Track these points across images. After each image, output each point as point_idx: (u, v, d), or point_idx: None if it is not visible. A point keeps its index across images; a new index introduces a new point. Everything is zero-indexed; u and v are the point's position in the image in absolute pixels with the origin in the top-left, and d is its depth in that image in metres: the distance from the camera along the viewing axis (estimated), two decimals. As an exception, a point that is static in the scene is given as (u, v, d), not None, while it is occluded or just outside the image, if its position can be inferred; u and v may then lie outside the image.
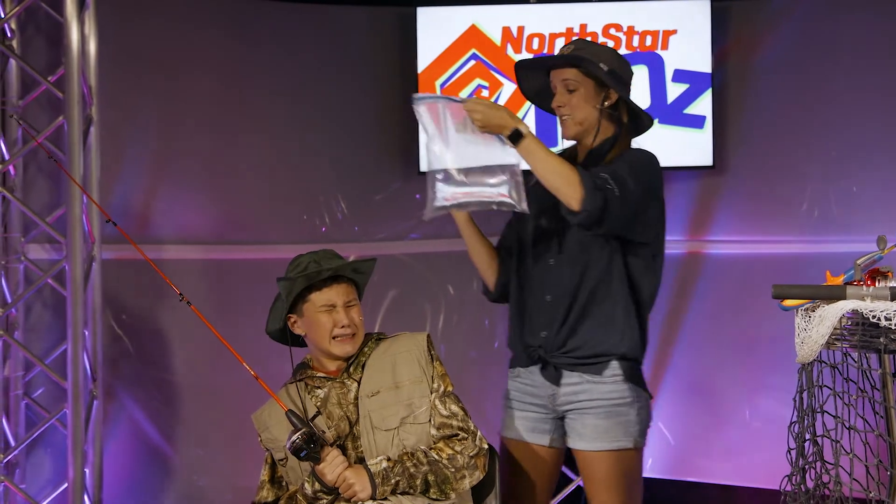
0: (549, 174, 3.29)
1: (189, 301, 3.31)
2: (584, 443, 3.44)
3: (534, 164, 3.30)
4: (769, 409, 5.41)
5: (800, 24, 5.41)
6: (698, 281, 5.67)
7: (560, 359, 3.44)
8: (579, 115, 3.46)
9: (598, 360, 3.42)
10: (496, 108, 3.30)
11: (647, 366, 5.69)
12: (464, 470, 3.23)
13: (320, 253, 3.35)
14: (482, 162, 3.34)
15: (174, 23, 5.33)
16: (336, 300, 3.30)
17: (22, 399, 4.91)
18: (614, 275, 3.44)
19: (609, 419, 3.42)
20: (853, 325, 2.96)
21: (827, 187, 5.34)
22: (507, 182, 3.35)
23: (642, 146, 3.53)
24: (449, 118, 3.32)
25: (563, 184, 3.27)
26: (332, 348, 3.30)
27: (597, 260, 3.43)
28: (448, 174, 3.31)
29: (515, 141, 3.28)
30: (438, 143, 3.32)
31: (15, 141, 4.88)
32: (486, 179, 3.34)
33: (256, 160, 5.47)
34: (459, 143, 3.32)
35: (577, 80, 3.47)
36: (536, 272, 3.51)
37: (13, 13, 4.70)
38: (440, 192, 3.32)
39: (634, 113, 3.50)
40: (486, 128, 3.29)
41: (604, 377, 3.42)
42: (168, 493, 5.32)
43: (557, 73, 3.50)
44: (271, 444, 3.34)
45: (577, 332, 3.42)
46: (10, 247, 4.89)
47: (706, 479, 5.67)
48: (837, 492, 3.02)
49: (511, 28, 5.48)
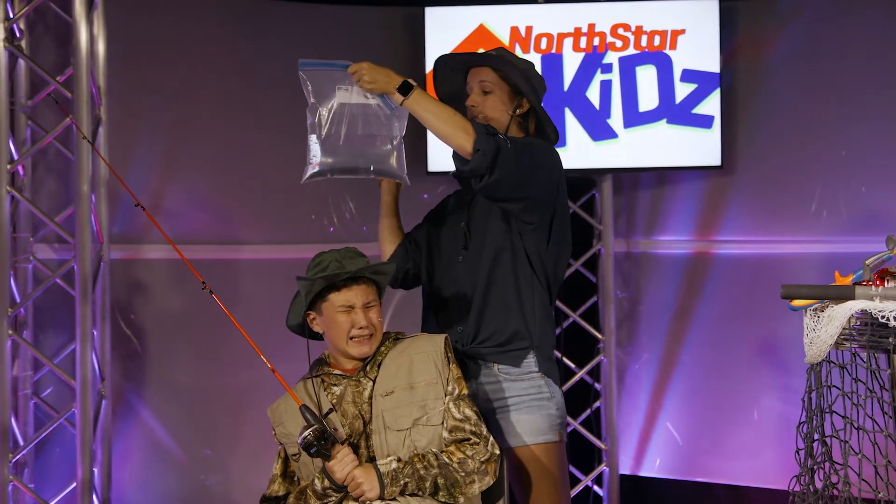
0: (440, 123, 3.34)
1: (211, 290, 3.31)
2: (512, 440, 3.49)
3: (424, 115, 3.35)
4: (778, 409, 5.40)
5: (808, 23, 5.40)
6: (706, 281, 5.66)
7: (476, 349, 3.50)
8: (491, 115, 3.51)
9: (513, 348, 3.49)
10: (380, 67, 3.37)
11: (655, 365, 5.75)
12: (474, 475, 3.22)
13: (342, 252, 3.32)
14: (365, 130, 3.38)
15: (183, 22, 5.34)
16: (355, 301, 3.28)
17: (31, 398, 4.92)
18: (518, 263, 3.51)
19: (531, 414, 3.48)
20: (862, 326, 2.96)
21: (836, 187, 5.33)
22: (390, 152, 3.41)
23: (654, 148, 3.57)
24: (335, 85, 3.36)
25: (455, 130, 3.32)
26: (350, 349, 3.30)
27: (500, 249, 3.50)
28: (328, 141, 3.35)
29: (405, 93, 3.34)
30: (322, 109, 3.35)
31: (24, 141, 4.89)
32: (368, 148, 3.40)
33: (264, 160, 5.48)
34: (343, 110, 3.36)
35: (493, 82, 3.55)
36: (447, 271, 3.59)
37: (22, 13, 4.71)
38: (316, 158, 3.36)
39: (541, 125, 3.58)
40: (374, 86, 3.35)
41: (521, 371, 3.48)
42: (176, 492, 5.32)
43: (476, 73, 3.57)
44: (285, 439, 3.33)
45: (488, 321, 3.49)
46: (18, 246, 4.90)
47: (714, 480, 5.66)
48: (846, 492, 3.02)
49: (519, 28, 5.48)
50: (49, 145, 4.91)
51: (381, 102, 3.40)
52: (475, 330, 3.52)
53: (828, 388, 3.08)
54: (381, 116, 3.39)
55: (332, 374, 3.33)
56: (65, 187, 5.03)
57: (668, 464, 5.78)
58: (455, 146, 3.33)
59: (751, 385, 5.53)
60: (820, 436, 3.13)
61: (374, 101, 3.40)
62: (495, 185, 3.36)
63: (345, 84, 3.37)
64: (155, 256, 5.21)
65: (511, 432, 3.48)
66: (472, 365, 3.52)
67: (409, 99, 3.34)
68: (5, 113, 4.66)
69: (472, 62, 3.61)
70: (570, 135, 5.47)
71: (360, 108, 3.38)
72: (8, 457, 4.65)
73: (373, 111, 3.39)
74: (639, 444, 5.83)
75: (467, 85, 3.57)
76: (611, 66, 5.46)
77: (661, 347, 5.80)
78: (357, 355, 3.30)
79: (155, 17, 5.26)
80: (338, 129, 3.37)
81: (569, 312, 5.76)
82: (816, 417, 3.12)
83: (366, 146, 3.40)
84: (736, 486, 5.59)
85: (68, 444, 4.90)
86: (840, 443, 3.04)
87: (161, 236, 5.15)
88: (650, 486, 5.83)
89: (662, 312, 5.80)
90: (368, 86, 3.34)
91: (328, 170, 3.38)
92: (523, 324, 3.51)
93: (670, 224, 5.76)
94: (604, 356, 5.76)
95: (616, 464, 5.74)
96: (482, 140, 3.30)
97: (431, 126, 3.35)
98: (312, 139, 3.37)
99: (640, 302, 5.87)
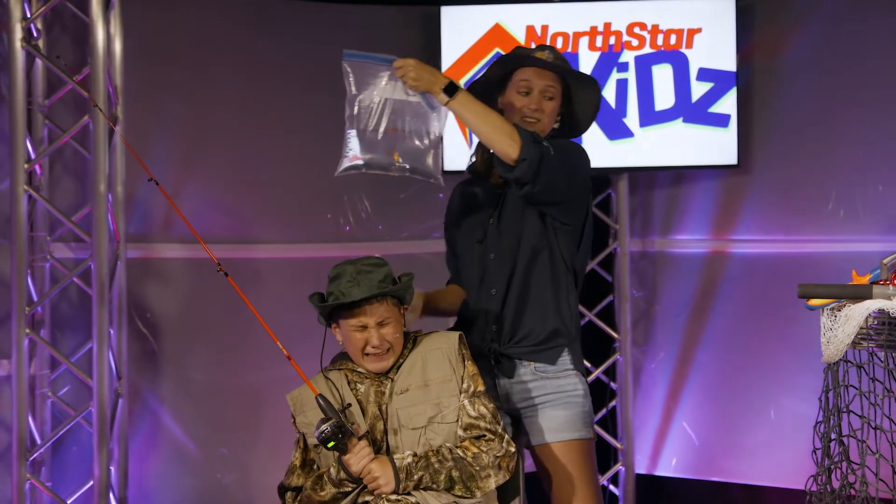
0: (486, 126, 3.29)
1: (227, 272, 3.29)
2: (549, 435, 3.48)
3: (469, 117, 3.30)
4: (794, 408, 5.38)
5: (825, 21, 5.38)
6: (723, 281, 5.65)
7: (513, 348, 3.48)
8: (546, 123, 3.49)
9: (550, 347, 3.48)
10: (426, 66, 3.32)
11: (671, 364, 5.74)
12: (489, 469, 3.22)
13: (359, 265, 3.25)
14: (404, 126, 3.33)
15: (200, 21, 5.34)
16: (367, 321, 3.24)
17: (48, 397, 4.93)
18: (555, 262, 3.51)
19: (567, 410, 3.48)
20: (879, 325, 2.95)
21: (853, 186, 5.31)
22: (428, 150, 3.35)
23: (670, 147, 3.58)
24: (378, 78, 3.32)
25: (501, 135, 3.28)
26: (365, 363, 3.29)
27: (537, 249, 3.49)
28: (366, 134, 3.30)
29: (451, 94, 3.28)
30: (362, 101, 3.30)
31: (41, 140, 4.90)
32: (406, 145, 3.34)
33: (281, 159, 5.48)
34: (384, 105, 3.31)
35: (556, 89, 3.52)
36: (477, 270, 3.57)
37: (39, 13, 4.72)
38: (353, 151, 3.31)
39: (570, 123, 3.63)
40: (419, 84, 3.29)
41: (558, 368, 3.48)
42: (193, 491, 5.33)
43: (541, 75, 3.52)
44: (305, 429, 3.32)
45: (525, 320, 3.49)
46: (36, 246, 4.91)
47: (731, 479, 5.65)
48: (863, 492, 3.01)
49: (535, 27, 5.47)
50: (66, 144, 4.92)
51: (422, 100, 3.35)
52: (512, 329, 3.50)
53: (845, 387, 3.08)
54: (422, 114, 3.34)
55: (356, 370, 3.33)
56: (81, 186, 5.04)
57: (684, 463, 5.78)
58: (499, 151, 3.29)
59: (767, 384, 5.52)
60: (837, 435, 3.12)
61: (414, 98, 3.34)
62: (539, 192, 3.35)
63: (387, 78, 3.32)
64: (171, 255, 5.22)
65: (549, 428, 3.48)
66: (506, 363, 3.51)
67: (455, 100, 3.29)
68: (23, 112, 4.68)
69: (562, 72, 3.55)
70: (586, 134, 5.43)
71: (401, 103, 3.33)
72: (25, 455, 4.66)
73: (413, 108, 3.34)
74: (655, 444, 5.82)
75: (522, 80, 3.49)
76: (627, 65, 5.45)
77: (677, 346, 5.79)
78: (373, 370, 3.30)
79: (172, 17, 5.27)
80: (377, 124, 3.31)
81: (584, 311, 5.76)
82: (834, 417, 3.11)
83: (404, 143, 3.35)
84: (752, 486, 5.59)
85: (85, 443, 4.91)
86: (857, 442, 3.03)
87: (177, 235, 5.21)
88: (666, 485, 5.83)
89: (678, 311, 5.79)
90: (413, 83, 3.29)
91: (364, 164, 3.33)
92: (561, 322, 3.50)
93: (686, 223, 5.76)
94: (620, 355, 5.75)
95: (632, 463, 5.74)
96: (528, 149, 3.27)
97: (475, 129, 3.31)
98: (351, 132, 3.31)
99: (656, 301, 5.86)
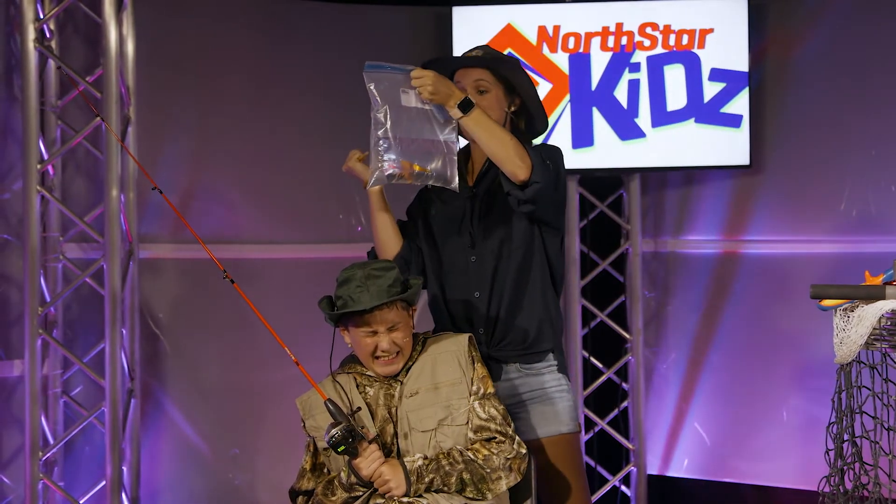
0: (497, 144, 3.30)
1: (233, 279, 3.31)
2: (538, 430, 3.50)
3: (481, 134, 3.32)
4: (807, 409, 5.37)
5: (837, 21, 5.37)
6: (735, 281, 5.64)
7: (500, 351, 3.50)
8: (492, 116, 3.46)
9: (536, 350, 3.50)
10: (443, 79, 3.33)
11: (683, 365, 5.73)
12: (500, 471, 3.21)
13: (369, 270, 3.23)
14: (423, 135, 3.35)
15: (212, 23, 5.35)
16: (377, 326, 3.23)
17: (60, 397, 4.94)
18: (542, 265, 3.51)
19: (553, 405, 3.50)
20: (893, 326, 2.95)
21: (865, 187, 5.30)
22: (444, 158, 3.36)
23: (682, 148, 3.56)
24: (398, 88, 3.33)
25: (512, 155, 3.28)
26: (375, 367, 3.28)
27: (527, 252, 3.50)
28: (392, 144, 3.31)
29: (466, 110, 3.30)
30: (386, 112, 3.31)
31: (53, 141, 4.92)
32: (425, 153, 3.35)
33: (292, 159, 5.49)
34: (403, 113, 3.32)
35: (489, 81, 3.51)
36: (459, 273, 3.55)
37: (52, 14, 4.74)
38: (387, 162, 3.32)
39: (531, 121, 3.57)
40: (436, 97, 3.30)
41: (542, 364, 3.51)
42: (204, 491, 5.34)
43: (467, 73, 3.52)
44: (315, 433, 3.31)
45: (513, 323, 3.49)
46: (48, 246, 4.92)
47: (743, 480, 5.64)
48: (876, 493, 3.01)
49: (547, 27, 5.47)
50: (78, 145, 4.94)
51: (434, 109, 3.36)
52: (501, 332, 3.51)
53: (858, 388, 3.07)
54: (438, 122, 3.36)
55: (365, 374, 3.33)
56: (94, 187, 5.05)
57: (696, 464, 5.77)
58: (508, 171, 3.29)
59: (779, 385, 5.50)
60: (850, 436, 3.11)
61: (429, 107, 3.35)
62: (540, 210, 3.39)
63: (406, 88, 3.33)
64: (183, 256, 5.23)
65: (537, 424, 3.50)
66: (493, 365, 3.51)
67: (468, 117, 3.30)
68: (35, 113, 4.69)
69: (464, 65, 3.55)
70: (598, 134, 5.46)
71: (420, 112, 3.34)
72: (38, 455, 4.68)
73: (429, 116, 3.35)
74: (666, 445, 5.81)
75: (457, 84, 3.46)
76: (639, 65, 5.45)
77: (688, 347, 5.78)
78: (382, 374, 3.29)
79: (184, 18, 5.28)
80: (404, 134, 3.33)
81: (596, 312, 5.76)
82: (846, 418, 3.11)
83: (427, 151, 3.36)
84: (764, 487, 5.57)
85: (98, 443, 4.92)
86: (870, 443, 3.03)
87: (189, 236, 5.21)
88: (678, 486, 5.82)
89: (690, 312, 5.79)
90: (429, 96, 3.29)
91: (394, 175, 3.34)
92: (549, 325, 3.53)
93: (698, 224, 5.75)
94: (631, 356, 5.75)
95: (644, 464, 5.73)
96: (539, 172, 3.29)
97: (486, 146, 3.32)
98: (382, 144, 3.32)
99: (668, 302, 5.85)
